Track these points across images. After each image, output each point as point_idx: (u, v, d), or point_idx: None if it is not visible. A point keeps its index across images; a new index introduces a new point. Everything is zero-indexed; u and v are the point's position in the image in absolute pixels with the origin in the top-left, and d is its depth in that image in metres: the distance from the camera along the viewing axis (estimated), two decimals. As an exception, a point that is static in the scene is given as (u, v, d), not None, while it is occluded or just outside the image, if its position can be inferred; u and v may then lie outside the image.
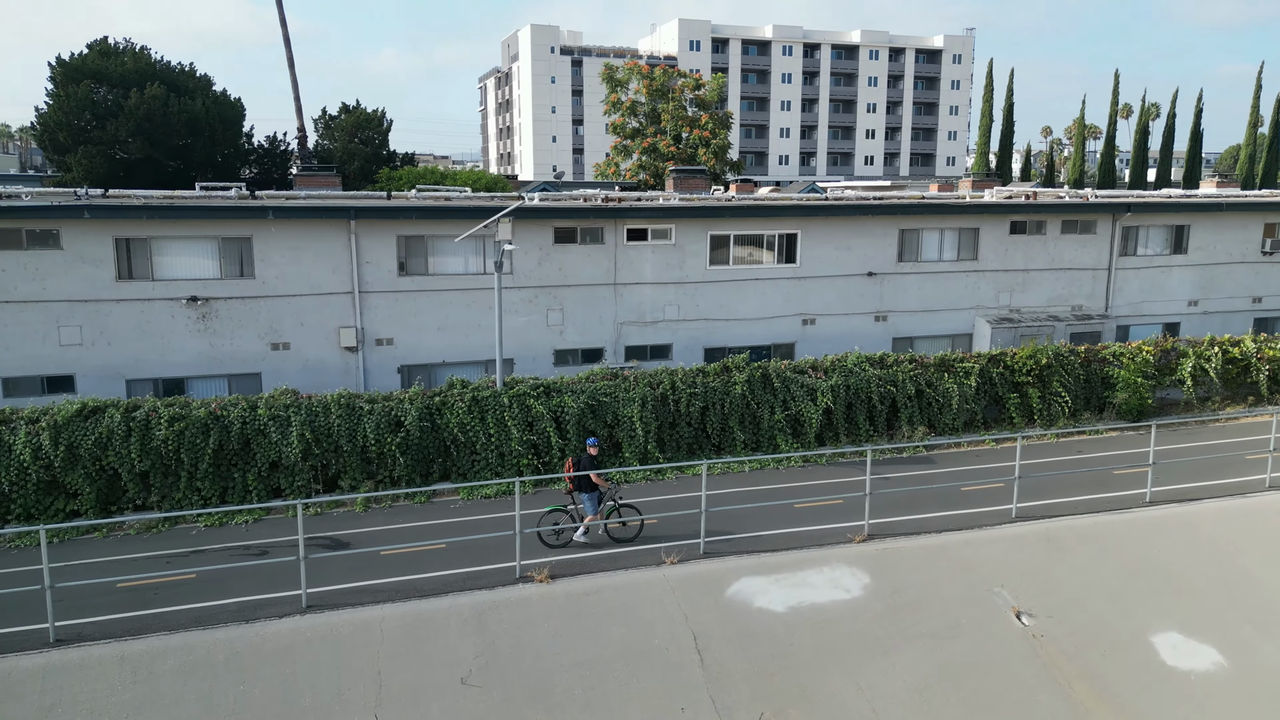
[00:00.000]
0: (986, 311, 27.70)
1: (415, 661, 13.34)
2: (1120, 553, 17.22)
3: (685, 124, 58.24)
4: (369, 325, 22.06)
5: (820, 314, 26.08)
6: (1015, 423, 24.49)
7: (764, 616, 14.91)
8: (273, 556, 16.41)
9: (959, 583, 16.13)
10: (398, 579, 15.24)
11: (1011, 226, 27.56)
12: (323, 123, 39.56)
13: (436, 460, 19.90)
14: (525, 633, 14.07)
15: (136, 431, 17.75)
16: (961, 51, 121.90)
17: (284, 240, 21.02)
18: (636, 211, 23.54)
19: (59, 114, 30.10)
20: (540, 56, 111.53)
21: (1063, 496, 19.48)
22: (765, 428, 22.09)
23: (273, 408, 18.69)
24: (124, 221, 19.83)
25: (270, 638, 13.48)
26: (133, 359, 20.49)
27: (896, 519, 18.11)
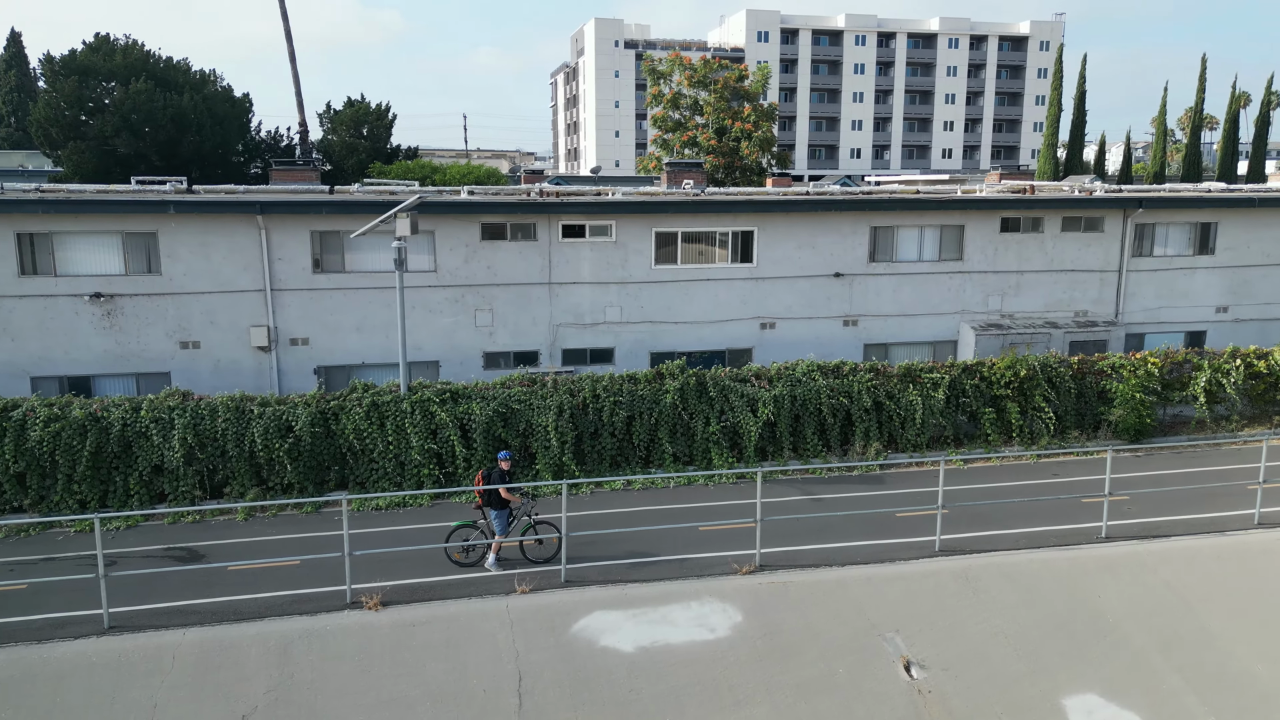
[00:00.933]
0: (973, 317, 25.28)
1: (199, 695, 12.30)
2: (1049, 597, 15.07)
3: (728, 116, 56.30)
4: (283, 324, 21.30)
5: (781, 317, 24.17)
6: (991, 440, 22.18)
7: (607, 658, 13.40)
8: (120, 568, 15.70)
9: (846, 626, 14.29)
10: (222, 599, 14.27)
11: (1002, 224, 25.06)
12: (327, 117, 39.38)
13: (332, 468, 18.96)
14: (331, 667, 12.91)
15: (11, 432, 17.31)
16: (1050, 38, 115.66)
17: (191, 236, 20.42)
18: (571, 207, 22.13)
19: (48, 109, 30.53)
20: (604, 50, 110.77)
21: (1008, 527, 17.32)
22: (699, 440, 20.45)
23: (156, 409, 18.03)
24: (24, 216, 19.54)
25: (52, 661, 12.65)
26: (37, 356, 20.20)
27: (800, 548, 16.31)
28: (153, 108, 31.19)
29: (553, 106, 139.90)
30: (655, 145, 59.57)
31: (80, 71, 31.39)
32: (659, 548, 16.26)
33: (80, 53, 31.97)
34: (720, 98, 56.37)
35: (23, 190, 20.24)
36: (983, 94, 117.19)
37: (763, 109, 56.36)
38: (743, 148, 54.75)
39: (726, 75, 57.39)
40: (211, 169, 34.11)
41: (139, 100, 30.80)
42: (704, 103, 55.96)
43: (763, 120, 55.93)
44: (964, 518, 17.74)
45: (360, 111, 38.31)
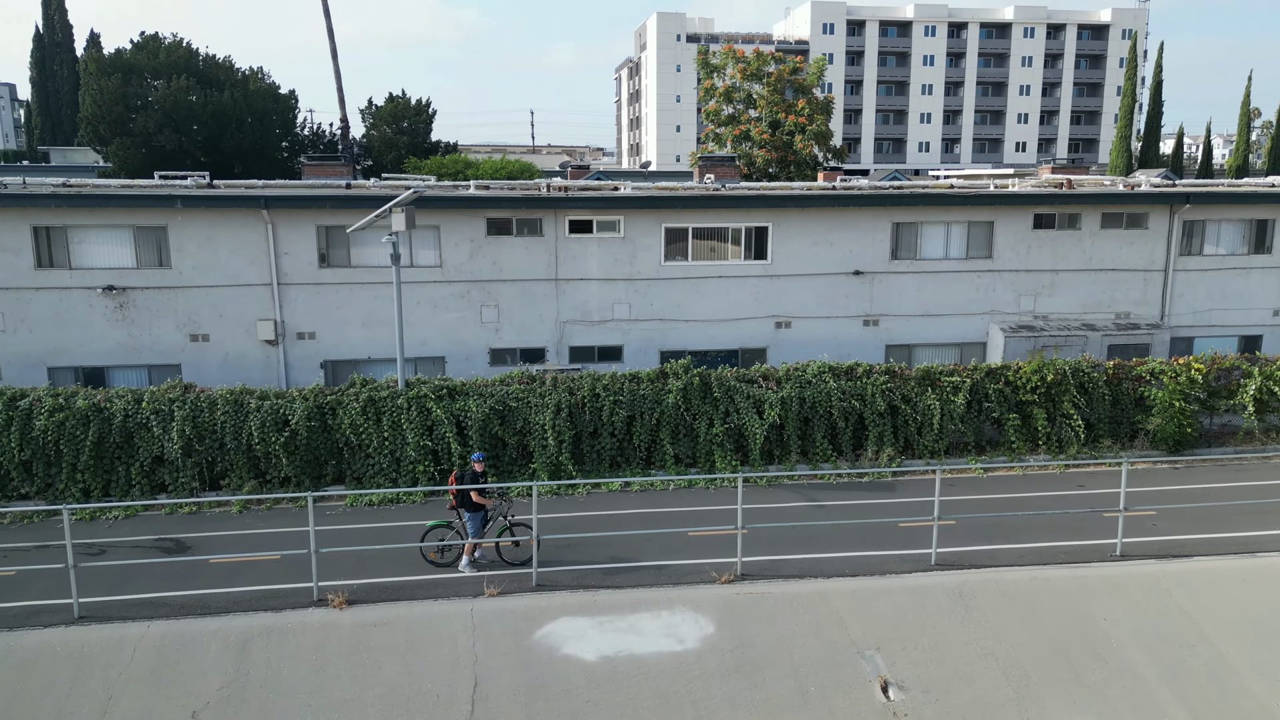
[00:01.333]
0: (1003, 318, 24.09)
1: (154, 689, 12.30)
2: (1047, 617, 14.16)
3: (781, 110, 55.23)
4: (289, 318, 21.43)
5: (797, 316, 23.38)
6: (1016, 448, 21.11)
7: (568, 666, 13.01)
8: (108, 557, 15.92)
9: (822, 641, 13.63)
10: (194, 592, 14.30)
11: (1036, 220, 23.80)
12: (369, 113, 39.81)
13: (329, 463, 18.98)
14: (287, 665, 12.80)
15: (18, 420, 17.75)
16: (1133, 26, 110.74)
17: (199, 230, 20.67)
18: (578, 201, 21.75)
19: (95, 106, 31.48)
20: (666, 44, 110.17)
21: (1016, 542, 16.39)
22: (703, 442, 19.90)
23: (156, 401, 18.28)
24: (40, 210, 20.03)
25: (18, 649, 12.80)
26: (53, 347, 20.72)
27: (788, 557, 15.66)
28: (193, 104, 31.91)
29: (616, 102, 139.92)
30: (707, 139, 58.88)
31: (125, 69, 32.30)
32: (641, 553, 15.81)
33: (127, 51, 32.92)
34: (774, 90, 55.34)
35: (36, 185, 20.76)
36: (1060, 85, 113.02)
37: (818, 101, 55.14)
38: (796, 141, 53.64)
39: (780, 68, 56.31)
40: (253, 164, 34.76)
41: (180, 97, 31.54)
42: (757, 96, 55.04)
43: (817, 113, 54.74)
44: (971, 530, 16.87)
45: (400, 107, 38.61)
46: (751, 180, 49.41)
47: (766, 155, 54.24)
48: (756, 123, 54.97)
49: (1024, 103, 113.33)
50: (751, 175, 53.55)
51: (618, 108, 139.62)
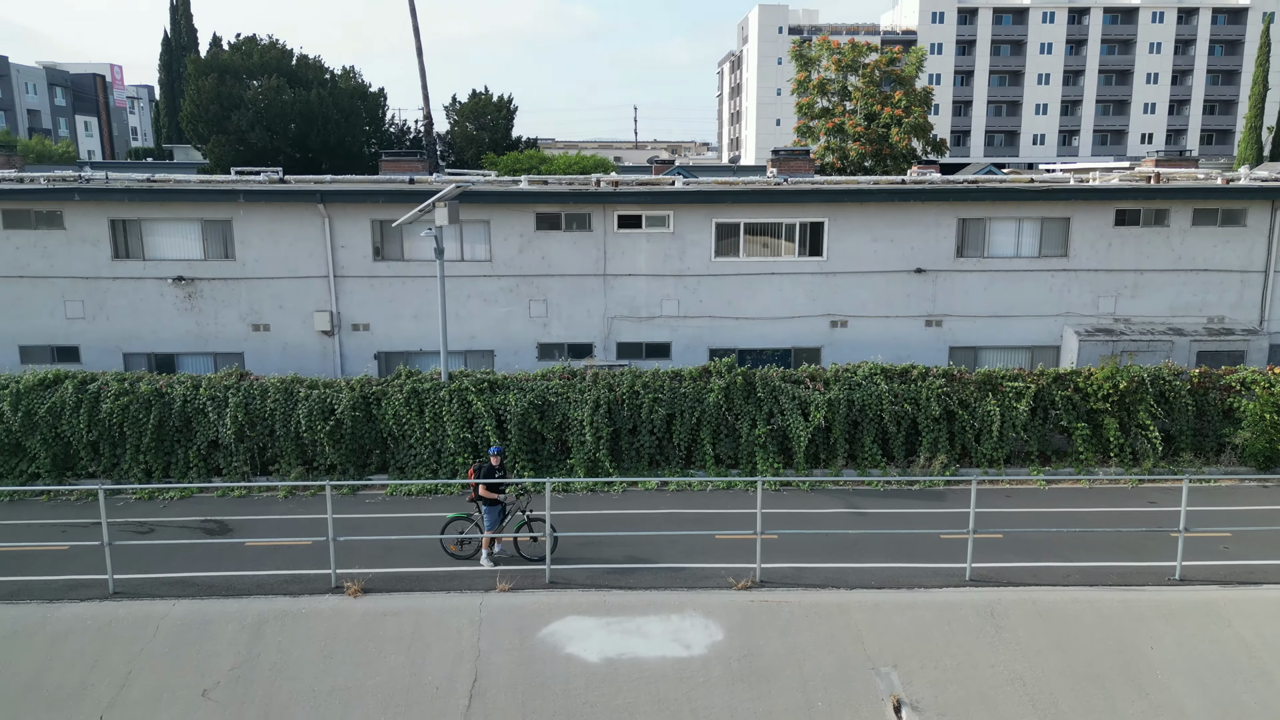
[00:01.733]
0: (1080, 320, 22.64)
1: (171, 664, 12.78)
2: (1086, 642, 13.23)
3: (877, 102, 53.72)
4: (345, 310, 22.00)
5: (853, 315, 22.55)
6: (1084, 460, 19.87)
7: (569, 666, 12.88)
8: (156, 536, 16.70)
9: (836, 655, 13.09)
10: (222, 574, 14.79)
11: (1117, 216, 22.24)
12: (453, 110, 40.61)
13: (374, 452, 19.41)
14: (297, 649, 13.09)
15: (86, 403, 18.78)
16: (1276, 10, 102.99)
17: (261, 223, 21.43)
18: (627, 196, 21.52)
19: (194, 106, 33.16)
20: (767, 37, 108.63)
21: (1066, 559, 15.39)
22: (745, 443, 19.46)
23: (213, 388, 19.05)
24: (117, 203, 21.15)
25: (54, 621, 13.50)
26: (128, 334, 21.86)
27: (812, 565, 15.13)
28: (283, 103, 33.21)
29: (718, 96, 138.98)
30: (799, 133, 57.77)
31: (221, 70, 33.90)
32: (663, 554, 15.55)
33: (225, 53, 34.54)
34: (870, 82, 53.84)
35: (114, 180, 21.93)
36: (1191, 73, 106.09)
37: (916, 93, 53.34)
38: (892, 134, 52.07)
39: (877, 59, 54.73)
40: (339, 160, 35.97)
41: (271, 96, 32.88)
42: (853, 88, 53.66)
43: (915, 105, 52.98)
44: (1019, 545, 15.94)
45: (481, 103, 39.24)
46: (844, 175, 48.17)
47: (861, 149, 52.86)
48: (851, 115, 53.59)
49: (1151, 91, 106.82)
50: (845, 169, 52.31)
51: (719, 102, 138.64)
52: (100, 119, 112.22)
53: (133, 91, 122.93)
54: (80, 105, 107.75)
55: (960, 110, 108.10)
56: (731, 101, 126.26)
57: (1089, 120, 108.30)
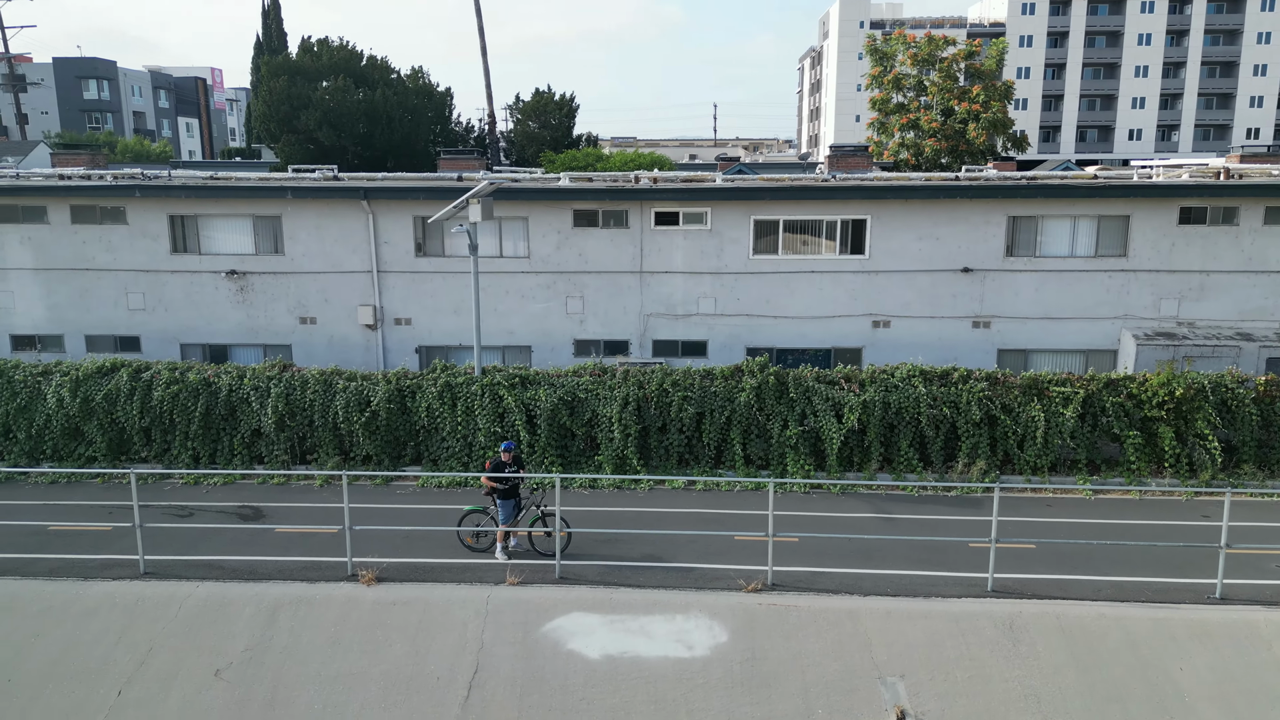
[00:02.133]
0: (1139, 324, 21.54)
1: (189, 644, 13.26)
2: (1111, 660, 12.65)
3: (954, 97, 52.27)
4: (387, 304, 22.47)
5: (897, 315, 21.94)
6: (1136, 469, 18.95)
7: (570, 662, 12.91)
8: (194, 520, 17.37)
9: (841, 662, 12.80)
10: (246, 558, 15.28)
11: (1182, 214, 21.06)
12: (516, 109, 41.11)
13: (408, 444, 19.79)
14: (308, 634, 13.44)
15: (140, 391, 19.66)
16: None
17: (308, 219, 22.05)
18: (664, 193, 21.38)
19: (265, 106, 34.38)
20: (848, 32, 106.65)
21: (1098, 574, 14.73)
22: (776, 444, 19.17)
23: (256, 378, 19.71)
24: (175, 199, 22.06)
25: (84, 598, 14.14)
26: (185, 325, 22.78)
27: (828, 570, 14.82)
28: (348, 103, 34.16)
29: (798, 93, 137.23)
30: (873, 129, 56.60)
31: (290, 72, 35.07)
32: (678, 553, 15.44)
33: (296, 55, 35.73)
34: (947, 76, 52.37)
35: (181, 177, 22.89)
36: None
37: (995, 88, 51.65)
38: (970, 130, 50.59)
39: (955, 52, 53.20)
40: (404, 159, 36.81)
41: (337, 97, 33.85)
42: (929, 83, 52.29)
43: (994, 100, 51.33)
44: (1052, 557, 15.31)
45: (543, 102, 39.63)
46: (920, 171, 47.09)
47: (936, 145, 51.51)
48: (927, 111, 52.22)
49: (1259, 84, 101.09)
50: (920, 166, 51.09)
51: (799, 99, 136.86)
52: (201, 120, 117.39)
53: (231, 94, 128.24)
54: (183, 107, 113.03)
55: (1050, 105, 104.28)
56: (811, 98, 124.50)
57: (1190, 115, 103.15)
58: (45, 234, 22.57)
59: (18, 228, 22.65)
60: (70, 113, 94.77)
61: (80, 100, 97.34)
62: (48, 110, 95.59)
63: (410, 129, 36.62)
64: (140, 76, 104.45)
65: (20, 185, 22.21)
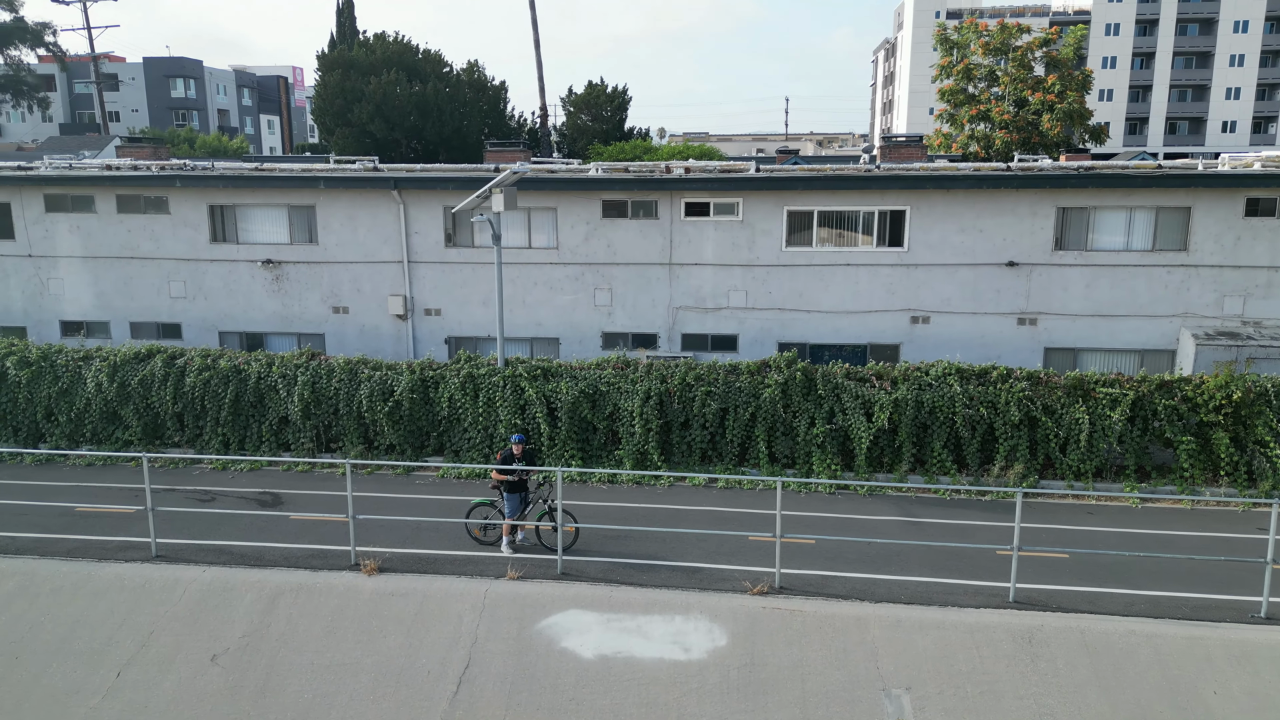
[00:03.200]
0: (1199, 322, 20.18)
1: (189, 628, 13.36)
2: (1137, 681, 11.81)
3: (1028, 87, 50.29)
4: (418, 295, 22.47)
5: (936, 311, 21.00)
6: (1189, 477, 17.77)
7: (562, 660, 12.60)
8: (215, 505, 17.59)
9: (845, 672, 12.21)
10: (255, 544, 15.37)
11: (1248, 206, 19.64)
12: (569, 102, 40.97)
13: (431, 434, 19.75)
14: (305, 623, 13.41)
15: (173, 376, 20.05)
16: None
17: (341, 209, 22.19)
18: (694, 183, 20.86)
19: (321, 100, 34.95)
20: (922, 23, 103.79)
21: (1133, 587, 13.79)
22: (802, 442, 18.54)
23: (284, 366, 19.91)
24: (213, 190, 22.44)
25: (96, 578, 14.36)
26: (223, 313, 23.18)
27: (839, 574, 14.21)
28: (399, 96, 34.47)
29: (872, 85, 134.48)
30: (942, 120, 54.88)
31: (346, 65, 35.56)
32: (688, 552, 14.99)
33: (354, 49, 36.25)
34: (1020, 65, 50.41)
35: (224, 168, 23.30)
36: None
37: (1073, 77, 49.48)
38: (1044, 121, 48.62)
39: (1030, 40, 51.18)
40: (456, 151, 37.02)
41: (389, 90, 34.19)
42: (1001, 73, 50.43)
43: (1070, 90, 49.20)
44: (1086, 568, 14.44)
45: (596, 94, 39.38)
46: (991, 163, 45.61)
47: (1007, 136, 49.69)
48: (999, 101, 50.35)
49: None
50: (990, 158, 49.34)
51: (873, 92, 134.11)
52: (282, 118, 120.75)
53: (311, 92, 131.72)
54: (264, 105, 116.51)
55: (1138, 96, 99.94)
56: (884, 90, 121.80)
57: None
58: (93, 223, 23.24)
59: (68, 217, 23.38)
60: (159, 110, 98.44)
61: (168, 99, 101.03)
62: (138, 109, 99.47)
63: (461, 122, 36.81)
64: (225, 75, 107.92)
65: (69, 175, 22.92)
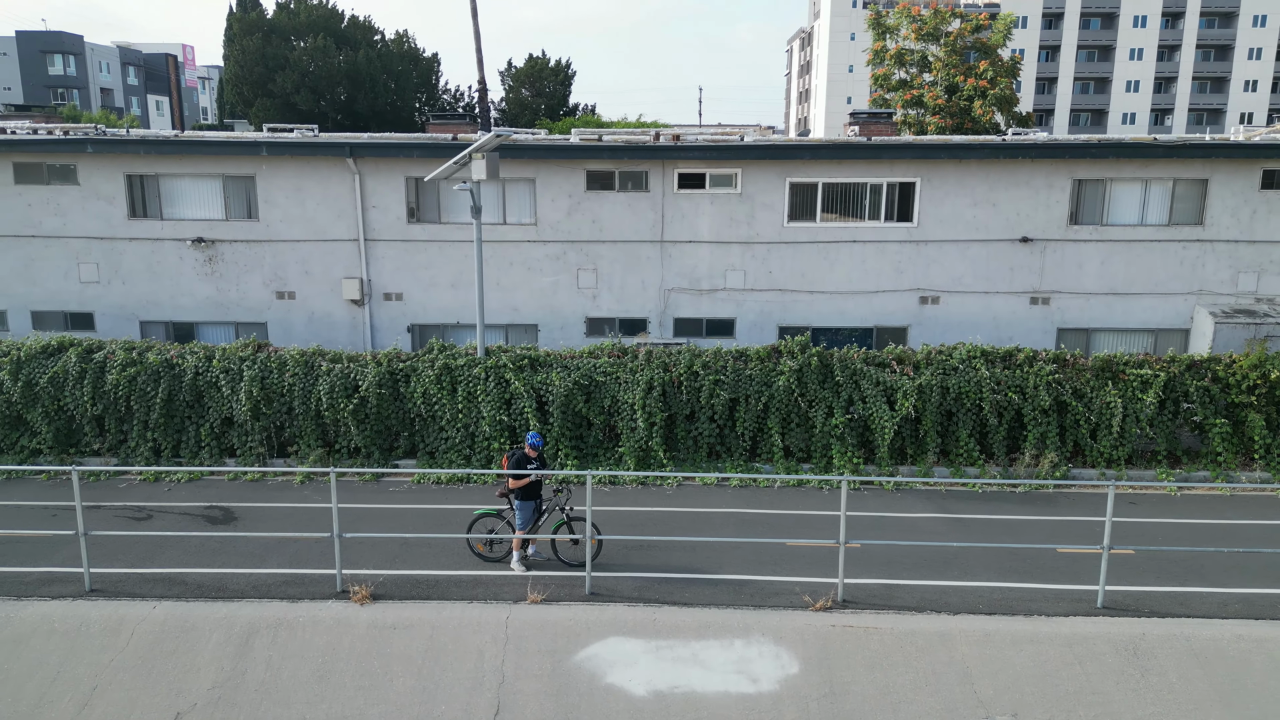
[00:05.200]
0: (1215, 300, 19.48)
1: (142, 680, 10.85)
2: (1257, 692, 10.56)
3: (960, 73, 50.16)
4: (376, 277, 19.99)
5: (947, 290, 19.74)
6: (1222, 462, 16.89)
7: (610, 699, 10.62)
8: (152, 525, 14.87)
9: (939, 698, 10.59)
10: (214, 570, 12.89)
11: (1265, 178, 19.00)
12: (509, 75, 38.48)
13: (401, 435, 17.40)
14: (289, 667, 11.06)
15: (91, 374, 17.11)
16: None
17: (287, 180, 19.50)
18: (689, 151, 19.03)
19: (238, 68, 31.63)
20: (840, 12, 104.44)
21: (1212, 584, 12.64)
22: (819, 434, 16.93)
23: (227, 359, 17.22)
24: (133, 157, 19.43)
25: (16, 621, 11.68)
26: (145, 300, 20.19)
27: (904, 582, 12.62)
28: (330, 66, 31.46)
29: (786, 75, 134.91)
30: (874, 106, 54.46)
31: (267, 30, 32.31)
32: (725, 563, 13.18)
33: (272, 13, 32.98)
34: (952, 52, 50.34)
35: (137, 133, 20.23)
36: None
37: (1002, 63, 49.61)
38: (975, 107, 48.56)
39: (962, 26, 51.10)
40: (389, 126, 34.14)
41: (315, 56, 31.14)
42: (933, 58, 50.26)
43: (1000, 76, 49.32)
44: (1155, 565, 13.24)
45: (538, 68, 37.02)
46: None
47: (940, 122, 49.52)
48: (931, 87, 50.18)
49: (1253, 68, 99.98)
50: (924, 145, 48.94)
51: (787, 82, 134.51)
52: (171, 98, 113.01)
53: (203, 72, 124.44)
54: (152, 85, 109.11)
55: (1044, 88, 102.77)
56: (800, 80, 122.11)
57: (1184, 98, 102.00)
58: (-16, 196, 19.90)
59: (-47, 189, 19.97)
60: (35, 89, 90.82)
61: (45, 76, 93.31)
62: (10, 86, 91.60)
63: (397, 95, 33.98)
64: (109, 52, 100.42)
65: (-46, 141, 19.50)
